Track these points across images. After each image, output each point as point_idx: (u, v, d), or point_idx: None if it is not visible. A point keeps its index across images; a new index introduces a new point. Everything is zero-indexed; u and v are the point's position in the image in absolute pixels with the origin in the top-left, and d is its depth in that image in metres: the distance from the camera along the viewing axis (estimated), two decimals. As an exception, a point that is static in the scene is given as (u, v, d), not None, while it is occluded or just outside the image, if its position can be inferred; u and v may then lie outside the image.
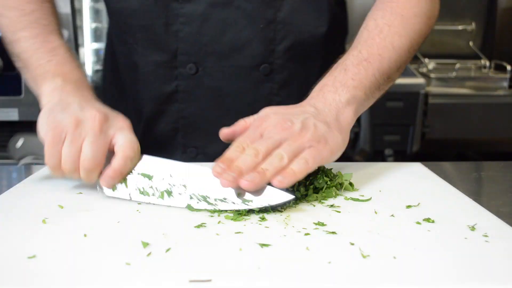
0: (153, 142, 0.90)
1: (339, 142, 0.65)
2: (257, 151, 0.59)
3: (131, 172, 0.63)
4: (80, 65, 0.76)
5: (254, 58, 0.84)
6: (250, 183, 0.56)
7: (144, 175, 0.62)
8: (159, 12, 0.83)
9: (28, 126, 1.87)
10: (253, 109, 0.85)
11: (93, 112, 0.63)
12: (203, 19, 0.82)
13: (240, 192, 0.58)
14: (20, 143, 0.71)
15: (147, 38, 0.85)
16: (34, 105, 1.80)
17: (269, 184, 0.58)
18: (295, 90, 0.87)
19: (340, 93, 0.68)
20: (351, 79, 0.69)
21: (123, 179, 0.63)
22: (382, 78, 0.72)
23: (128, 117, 0.68)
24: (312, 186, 0.63)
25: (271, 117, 0.65)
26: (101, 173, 0.62)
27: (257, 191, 0.58)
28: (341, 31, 0.94)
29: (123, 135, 0.63)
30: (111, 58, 0.96)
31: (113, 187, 0.63)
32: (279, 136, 0.62)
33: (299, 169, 0.59)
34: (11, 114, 1.81)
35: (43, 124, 0.65)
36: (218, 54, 0.83)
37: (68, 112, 0.64)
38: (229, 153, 0.61)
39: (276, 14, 0.83)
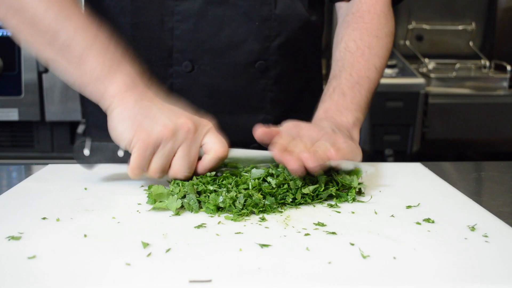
0: None
1: (359, 147, 0.69)
2: (304, 143, 0.64)
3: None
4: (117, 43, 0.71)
5: (249, 55, 0.84)
6: (310, 156, 0.59)
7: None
8: (154, 9, 0.83)
9: (29, 126, 1.87)
10: (247, 106, 0.86)
11: (183, 120, 0.64)
12: (199, 17, 0.82)
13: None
14: (87, 151, 0.68)
15: (141, 36, 0.85)
16: (34, 105, 1.81)
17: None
18: (286, 86, 0.89)
19: (347, 116, 0.74)
20: (351, 103, 0.75)
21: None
22: (371, 97, 0.80)
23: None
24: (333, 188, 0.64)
25: (302, 125, 0.69)
26: None
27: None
28: (319, 30, 0.96)
29: (213, 137, 0.66)
30: None
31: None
32: (316, 135, 0.66)
33: (344, 149, 0.63)
34: (11, 114, 1.81)
35: (126, 129, 0.63)
36: (214, 51, 0.84)
37: (155, 121, 0.63)
38: (279, 142, 0.64)
39: (272, 11, 0.84)
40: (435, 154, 2.15)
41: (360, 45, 0.81)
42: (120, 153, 0.67)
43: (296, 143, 0.64)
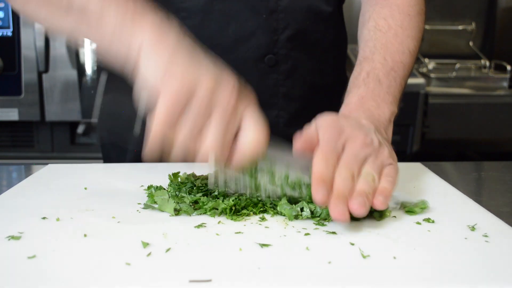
0: None
1: (395, 157, 0.63)
2: (352, 172, 0.54)
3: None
4: None
5: (258, 50, 0.82)
6: (360, 207, 0.51)
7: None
8: (159, 7, 0.83)
9: (29, 126, 1.87)
10: (259, 102, 0.85)
11: (230, 80, 0.52)
12: (205, 13, 0.81)
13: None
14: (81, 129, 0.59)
15: None
16: (34, 105, 1.81)
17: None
18: (299, 80, 0.86)
19: (384, 110, 0.67)
20: (387, 94, 0.69)
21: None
22: (405, 85, 0.73)
23: (130, 115, 0.63)
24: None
25: (346, 130, 0.58)
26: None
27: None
28: (340, 20, 0.93)
29: (254, 115, 0.54)
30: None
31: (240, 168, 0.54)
32: (363, 153, 0.57)
33: (390, 187, 0.56)
34: (11, 114, 1.81)
35: (158, 66, 0.51)
36: (222, 47, 0.82)
37: (201, 67, 0.51)
38: (320, 170, 0.53)
39: (278, 3, 0.82)
40: (435, 154, 2.15)
41: (392, 23, 0.74)
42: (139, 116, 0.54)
43: (344, 182, 0.53)
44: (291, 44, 0.84)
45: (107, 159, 0.95)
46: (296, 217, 0.56)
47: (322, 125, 0.59)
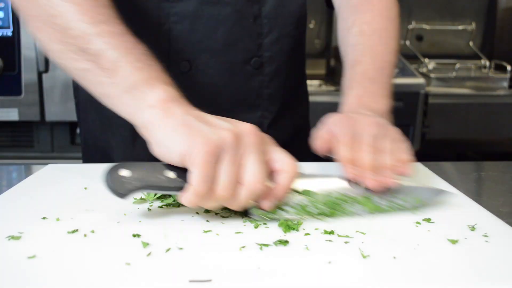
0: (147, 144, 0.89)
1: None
2: (374, 149, 0.61)
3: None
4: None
5: (245, 53, 0.85)
6: (389, 178, 0.59)
7: (304, 192, 0.57)
8: (150, 13, 0.83)
9: (29, 126, 1.87)
10: (245, 103, 0.86)
11: (247, 126, 0.54)
12: (194, 17, 0.83)
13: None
14: (126, 171, 0.53)
15: (139, 38, 0.85)
16: (34, 105, 1.81)
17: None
18: (283, 82, 0.89)
19: (381, 103, 0.73)
20: (381, 89, 0.75)
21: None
22: (391, 81, 0.78)
23: (121, 120, 0.60)
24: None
25: (357, 120, 0.65)
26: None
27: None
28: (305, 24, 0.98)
29: (282, 153, 0.55)
30: None
31: (274, 210, 0.55)
32: (379, 132, 0.64)
33: (409, 158, 0.62)
34: (11, 114, 1.81)
35: (180, 138, 0.51)
36: (210, 50, 0.84)
37: (215, 126, 0.53)
38: (346, 154, 0.61)
39: (261, 9, 0.85)
40: (435, 154, 2.15)
41: (376, 27, 0.80)
42: (171, 175, 0.53)
43: (361, 151, 0.61)
44: (275, 47, 0.87)
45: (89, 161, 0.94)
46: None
47: (334, 122, 0.65)
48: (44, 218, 0.56)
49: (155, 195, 0.62)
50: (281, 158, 0.54)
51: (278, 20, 0.86)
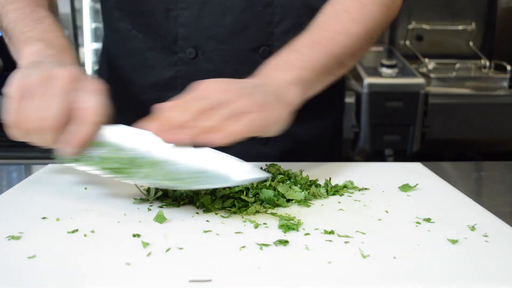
0: None
1: (281, 114, 0.63)
2: (186, 109, 0.58)
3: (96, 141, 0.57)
4: (66, 35, 0.72)
5: (253, 41, 0.84)
6: (173, 136, 0.56)
7: (106, 144, 0.57)
8: None
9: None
10: None
11: (64, 70, 0.58)
12: (202, 3, 0.83)
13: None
14: None
15: (147, 24, 0.86)
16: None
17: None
18: None
19: (285, 73, 0.68)
20: (301, 60, 0.70)
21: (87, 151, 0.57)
22: (334, 62, 0.73)
23: (127, 107, 0.64)
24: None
25: (209, 82, 0.63)
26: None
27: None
28: None
29: (92, 98, 0.57)
30: (107, 49, 0.96)
31: (76, 158, 0.57)
32: (217, 97, 0.60)
33: (235, 130, 0.57)
34: (11, 114, 1.81)
35: (11, 82, 0.58)
36: (217, 38, 0.84)
37: (39, 69, 0.58)
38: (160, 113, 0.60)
39: None
40: (435, 154, 2.15)
41: (337, 8, 0.76)
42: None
43: (174, 114, 0.58)
44: (286, 37, 0.85)
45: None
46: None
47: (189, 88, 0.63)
48: (44, 218, 0.56)
49: (155, 194, 0.62)
50: (88, 103, 0.56)
51: (292, 9, 0.85)
